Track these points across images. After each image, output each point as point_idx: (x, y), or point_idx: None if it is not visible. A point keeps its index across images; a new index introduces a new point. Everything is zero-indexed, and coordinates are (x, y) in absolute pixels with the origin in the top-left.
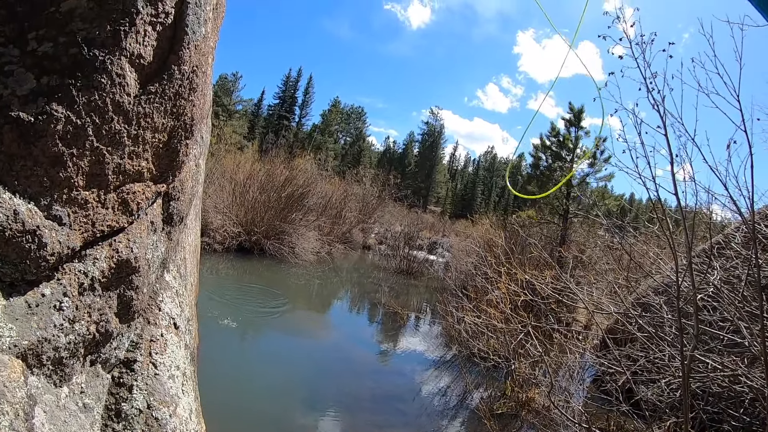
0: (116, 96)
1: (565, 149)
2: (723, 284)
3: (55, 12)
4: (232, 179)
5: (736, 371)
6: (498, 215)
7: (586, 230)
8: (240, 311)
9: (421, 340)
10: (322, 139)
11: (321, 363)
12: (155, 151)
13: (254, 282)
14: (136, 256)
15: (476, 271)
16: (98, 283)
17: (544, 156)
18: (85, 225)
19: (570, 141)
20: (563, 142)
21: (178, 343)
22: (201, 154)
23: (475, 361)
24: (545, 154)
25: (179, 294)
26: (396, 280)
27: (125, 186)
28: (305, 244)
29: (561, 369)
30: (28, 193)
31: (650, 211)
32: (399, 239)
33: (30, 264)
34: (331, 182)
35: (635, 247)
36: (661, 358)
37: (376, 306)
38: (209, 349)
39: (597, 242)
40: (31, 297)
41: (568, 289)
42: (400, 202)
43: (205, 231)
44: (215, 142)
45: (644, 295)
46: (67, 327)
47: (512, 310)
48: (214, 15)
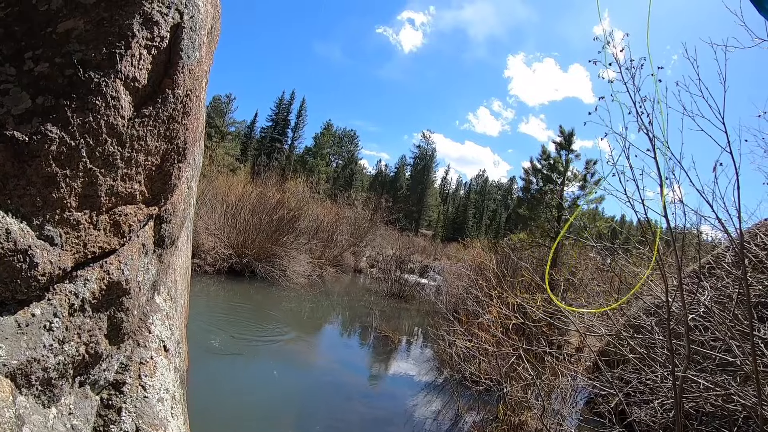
0: (110, 118)
1: (556, 172)
2: (714, 304)
3: (52, 32)
4: (224, 201)
5: (728, 390)
6: (489, 239)
7: (578, 253)
8: (230, 334)
9: (413, 364)
10: (314, 161)
11: (311, 387)
12: (148, 173)
13: (245, 305)
14: (127, 278)
15: (467, 295)
16: (89, 304)
17: (535, 179)
18: (76, 246)
19: (561, 164)
20: (554, 165)
21: (168, 365)
22: (193, 177)
23: (466, 385)
24: (536, 177)
25: (169, 316)
26: (387, 303)
27: (117, 208)
28: (296, 267)
29: (553, 392)
30: (21, 213)
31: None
32: (390, 263)
33: (21, 283)
34: (323, 205)
35: (626, 268)
36: (653, 379)
37: (367, 330)
38: (198, 373)
39: (588, 264)
40: (21, 316)
41: (559, 312)
42: (391, 226)
43: (196, 253)
44: (207, 164)
45: (635, 317)
46: (57, 347)
47: (504, 334)
48: (208, 39)
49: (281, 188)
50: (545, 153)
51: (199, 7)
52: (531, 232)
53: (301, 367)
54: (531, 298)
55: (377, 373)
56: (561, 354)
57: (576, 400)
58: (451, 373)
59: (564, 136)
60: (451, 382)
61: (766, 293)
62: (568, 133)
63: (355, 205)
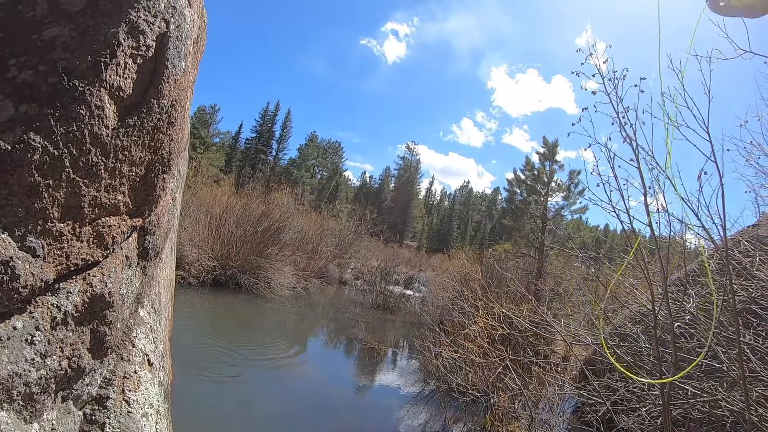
0: (94, 128)
1: (540, 183)
2: (699, 311)
3: (37, 39)
4: (209, 212)
5: (716, 396)
6: (474, 249)
7: (562, 263)
8: (214, 347)
9: (399, 376)
10: (299, 173)
11: (297, 400)
12: (132, 184)
13: (229, 317)
14: (111, 291)
15: (453, 306)
16: (71, 317)
17: (519, 190)
18: (59, 257)
19: (545, 174)
20: (538, 175)
21: (152, 380)
22: (178, 188)
23: (453, 396)
24: (520, 188)
25: (153, 330)
26: (373, 315)
27: (101, 219)
28: (281, 278)
29: (541, 401)
30: (2, 223)
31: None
32: (375, 274)
33: (2, 296)
34: (308, 217)
35: (611, 278)
36: (640, 387)
37: (353, 341)
38: (183, 387)
39: (573, 274)
40: (2, 330)
41: (545, 322)
42: (376, 237)
43: (180, 264)
44: (192, 175)
45: (621, 326)
46: (39, 361)
47: (490, 344)
48: (194, 49)
49: (266, 200)
50: (529, 164)
51: (185, 16)
52: (515, 243)
53: (286, 379)
54: (517, 308)
55: (364, 385)
56: (548, 363)
57: (563, 409)
58: (438, 384)
59: (548, 147)
60: (438, 393)
61: (750, 299)
62: (551, 144)
63: (339, 216)
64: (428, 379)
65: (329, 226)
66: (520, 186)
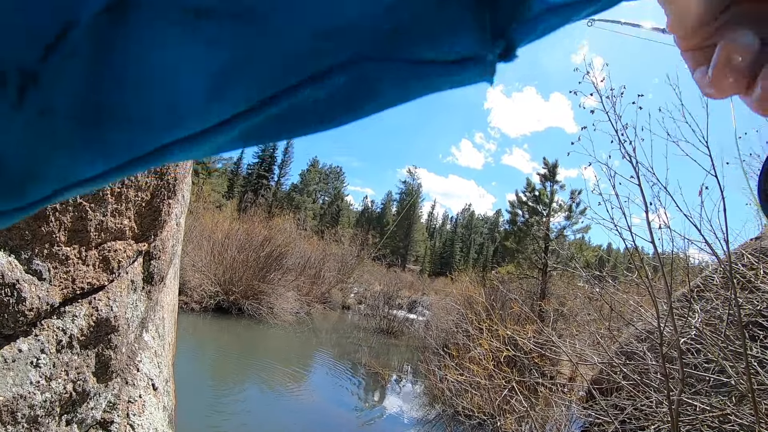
0: None
1: (541, 204)
2: (705, 326)
3: None
4: (211, 238)
5: (725, 410)
6: (477, 272)
7: (566, 283)
8: (217, 372)
9: (404, 400)
10: (300, 198)
11: (301, 425)
12: (138, 209)
13: (232, 342)
14: (116, 315)
15: (457, 329)
16: (77, 340)
17: (521, 211)
18: (65, 281)
19: (546, 195)
20: (539, 196)
21: (157, 404)
22: (182, 213)
23: (459, 420)
24: (521, 209)
25: (158, 354)
26: (376, 339)
27: (107, 243)
28: (284, 304)
29: (548, 423)
30: (9, 246)
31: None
32: (378, 299)
33: (8, 318)
34: (310, 242)
35: (615, 296)
36: (648, 405)
37: (357, 366)
38: (185, 412)
39: (577, 294)
40: (8, 352)
41: (550, 343)
42: (379, 262)
43: (182, 290)
44: (194, 200)
45: (627, 344)
46: (44, 384)
47: (495, 366)
48: None
49: (268, 225)
50: (530, 185)
51: None
52: (518, 264)
53: (290, 405)
54: (521, 329)
55: (368, 410)
56: (554, 384)
57: (571, 430)
58: (444, 408)
59: (548, 167)
60: (443, 417)
61: (755, 312)
62: (552, 165)
63: (342, 241)
64: (433, 402)
65: (332, 250)
66: (522, 207)
